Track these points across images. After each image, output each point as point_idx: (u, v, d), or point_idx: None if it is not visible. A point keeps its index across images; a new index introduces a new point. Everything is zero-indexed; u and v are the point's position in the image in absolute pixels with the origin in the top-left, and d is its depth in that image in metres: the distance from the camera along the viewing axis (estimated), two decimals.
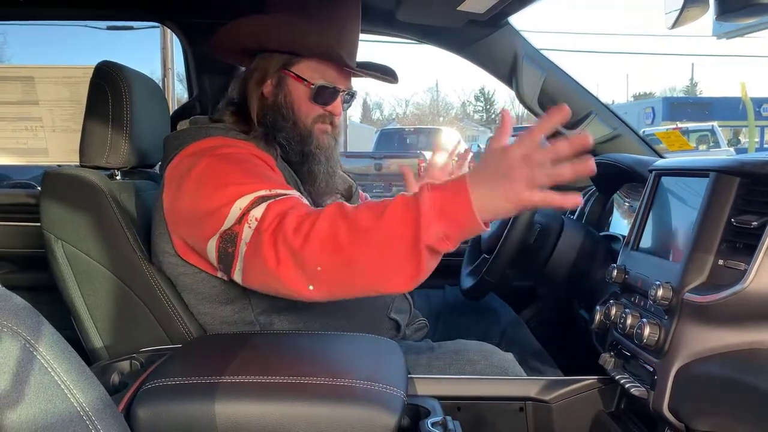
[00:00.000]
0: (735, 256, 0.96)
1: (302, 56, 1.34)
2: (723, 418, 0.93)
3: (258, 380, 0.98)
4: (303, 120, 1.37)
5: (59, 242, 1.34)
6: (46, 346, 0.73)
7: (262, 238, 1.08)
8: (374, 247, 1.01)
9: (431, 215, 0.97)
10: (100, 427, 0.75)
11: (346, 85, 1.40)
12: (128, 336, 1.35)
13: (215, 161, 1.22)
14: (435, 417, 1.08)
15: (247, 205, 1.12)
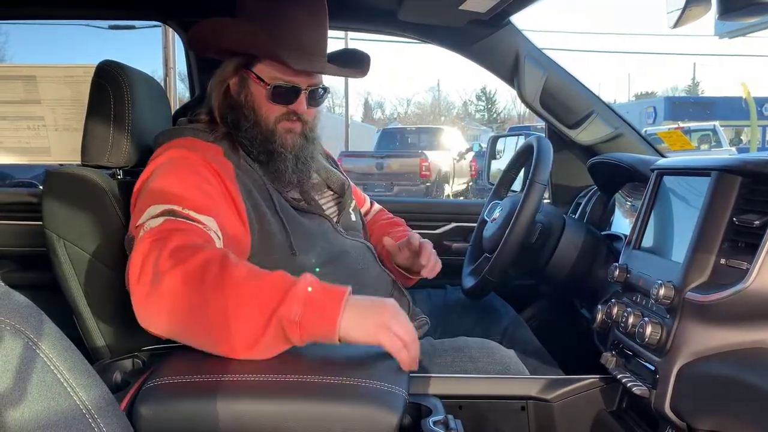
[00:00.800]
0: (737, 255, 0.96)
1: (260, 57, 1.36)
2: (725, 418, 0.93)
3: (260, 378, 0.98)
4: (264, 120, 1.38)
5: (61, 241, 1.34)
6: (49, 344, 0.73)
7: (138, 247, 1.08)
8: (233, 298, 1.00)
9: (299, 297, 0.99)
10: (102, 425, 0.75)
11: (310, 81, 1.39)
12: (130, 335, 1.35)
13: (167, 165, 1.26)
14: (436, 416, 1.08)
15: (155, 214, 1.14)
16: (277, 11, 1.36)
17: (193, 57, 1.97)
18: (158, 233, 1.09)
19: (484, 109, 45.30)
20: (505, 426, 1.29)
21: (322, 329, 0.99)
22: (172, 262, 1.03)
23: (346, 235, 1.47)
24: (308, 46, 1.37)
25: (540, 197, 1.46)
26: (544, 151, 1.51)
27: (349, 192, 1.60)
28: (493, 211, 1.70)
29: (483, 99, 45.01)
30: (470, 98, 48.32)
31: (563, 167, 2.01)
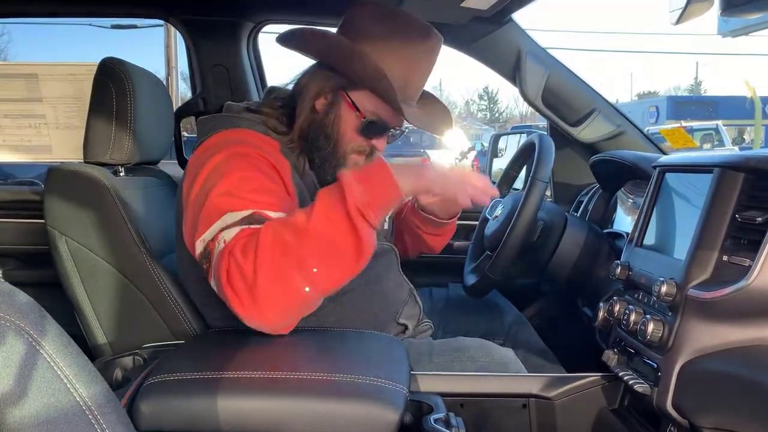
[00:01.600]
0: (739, 252, 0.96)
1: (364, 86, 1.30)
2: (727, 415, 0.93)
3: (261, 375, 0.98)
4: (343, 147, 1.33)
5: (63, 238, 1.34)
6: (50, 341, 0.73)
7: (219, 262, 1.06)
8: (317, 236, 1.03)
9: (352, 182, 1.05)
10: (102, 422, 0.75)
11: (399, 123, 1.37)
12: (132, 332, 1.35)
13: (228, 161, 1.21)
14: (438, 413, 1.08)
15: (231, 223, 1.10)
16: (403, 49, 1.30)
17: (195, 55, 1.97)
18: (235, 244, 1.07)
19: (486, 108, 45.24)
20: (507, 424, 1.29)
21: (389, 194, 1.08)
22: (251, 264, 1.02)
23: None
24: (414, 91, 1.34)
25: (542, 195, 1.45)
26: (546, 149, 1.51)
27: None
28: (495, 208, 1.69)
29: (485, 98, 44.96)
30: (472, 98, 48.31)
31: (565, 165, 2.01)
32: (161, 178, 1.67)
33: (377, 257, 1.44)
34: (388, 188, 1.08)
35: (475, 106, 46.00)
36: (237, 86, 1.97)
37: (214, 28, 1.93)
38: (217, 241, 1.09)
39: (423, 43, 1.33)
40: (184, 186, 1.29)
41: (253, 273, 1.01)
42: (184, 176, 1.30)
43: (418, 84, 1.35)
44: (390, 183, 1.08)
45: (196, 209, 1.20)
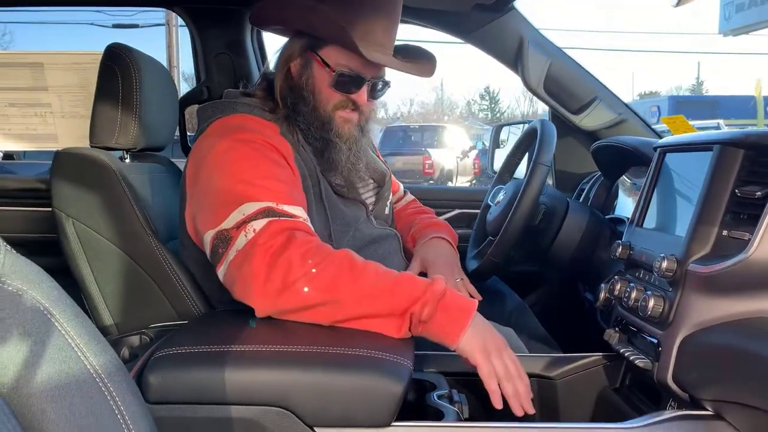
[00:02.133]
0: (739, 226, 0.97)
1: (328, 41, 1.32)
2: (727, 386, 0.94)
3: (267, 349, 0.99)
4: (323, 106, 1.34)
5: (70, 220, 1.36)
6: (61, 310, 0.75)
7: (256, 251, 1.09)
8: (367, 301, 1.09)
9: (433, 301, 1.09)
10: (112, 390, 0.77)
11: (375, 73, 1.36)
12: (138, 313, 1.37)
13: (233, 149, 1.23)
14: (441, 390, 1.10)
15: (252, 213, 1.13)
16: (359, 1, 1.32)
17: (199, 43, 1.99)
18: (270, 236, 1.10)
19: (487, 108, 45.19)
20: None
21: (446, 336, 1.10)
22: (304, 270, 1.07)
23: (376, 224, 1.47)
24: (379, 37, 1.33)
25: (544, 178, 1.47)
26: (548, 133, 1.52)
27: (389, 183, 1.59)
28: (497, 195, 1.70)
29: (486, 98, 44.93)
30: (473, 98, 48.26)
31: (567, 153, 2.02)
32: (166, 165, 1.68)
33: (380, 242, 1.46)
34: (449, 334, 1.10)
35: (477, 106, 45.95)
36: (241, 74, 1.98)
37: (218, 16, 1.95)
38: (245, 231, 1.11)
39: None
40: (187, 173, 1.30)
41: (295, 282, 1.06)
42: (186, 163, 1.32)
43: (384, 29, 1.34)
44: (454, 332, 1.10)
45: (204, 197, 1.21)
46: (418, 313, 1.08)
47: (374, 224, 1.47)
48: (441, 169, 12.70)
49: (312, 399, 0.94)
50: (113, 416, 0.76)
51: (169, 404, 0.95)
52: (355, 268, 1.10)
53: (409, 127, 16.28)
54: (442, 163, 12.80)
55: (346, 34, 1.25)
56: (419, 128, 15.29)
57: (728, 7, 14.74)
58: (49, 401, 0.70)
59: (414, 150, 13.04)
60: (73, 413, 0.72)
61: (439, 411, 1.06)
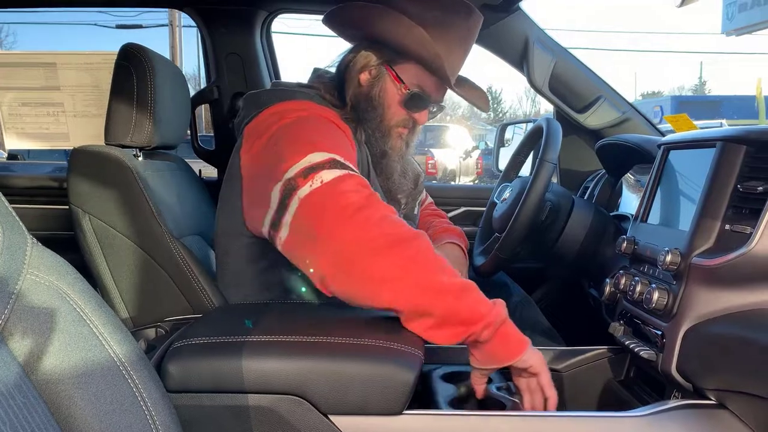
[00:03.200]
0: (741, 220, 1.00)
1: (408, 58, 1.34)
2: (729, 376, 0.97)
3: (282, 339, 1.02)
4: (388, 119, 1.38)
5: (87, 216, 1.39)
6: (85, 301, 0.78)
7: (335, 193, 1.06)
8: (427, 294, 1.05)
9: (494, 325, 1.06)
10: (135, 378, 0.80)
11: (440, 97, 1.42)
12: (153, 307, 1.40)
13: (296, 121, 1.24)
14: (497, 382, 1.16)
15: (319, 162, 1.10)
16: (447, 24, 1.34)
17: (210, 43, 2.02)
18: (349, 191, 1.07)
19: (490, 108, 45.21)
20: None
21: (495, 362, 1.10)
22: (386, 241, 1.03)
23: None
24: (456, 66, 1.37)
25: (549, 175, 1.49)
26: (554, 131, 1.55)
27: (422, 185, 1.63)
28: (503, 192, 1.73)
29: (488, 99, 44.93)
30: None
31: (571, 152, 2.05)
32: (179, 164, 1.72)
33: None
34: (499, 361, 1.10)
35: None
36: (250, 74, 2.01)
37: (228, 16, 1.98)
38: (312, 180, 1.07)
39: (465, 21, 1.37)
40: (243, 154, 1.28)
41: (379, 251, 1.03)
42: (240, 145, 1.31)
43: (459, 60, 1.38)
44: (505, 359, 1.10)
45: (267, 165, 1.18)
46: (478, 333, 1.05)
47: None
48: (444, 168, 12.72)
49: (326, 388, 0.97)
50: (136, 403, 0.79)
51: (188, 393, 0.98)
52: (430, 254, 1.07)
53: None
54: (445, 162, 12.82)
55: (440, 60, 1.28)
56: (422, 128, 15.27)
57: (731, 7, 14.74)
58: (77, 387, 0.73)
59: (417, 150, 13.04)
60: (99, 399, 0.75)
61: (500, 402, 1.11)
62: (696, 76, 51.00)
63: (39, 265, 0.75)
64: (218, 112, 2.07)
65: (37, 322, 0.72)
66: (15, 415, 0.65)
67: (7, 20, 23.63)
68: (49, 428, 0.68)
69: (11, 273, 0.70)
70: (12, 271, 0.70)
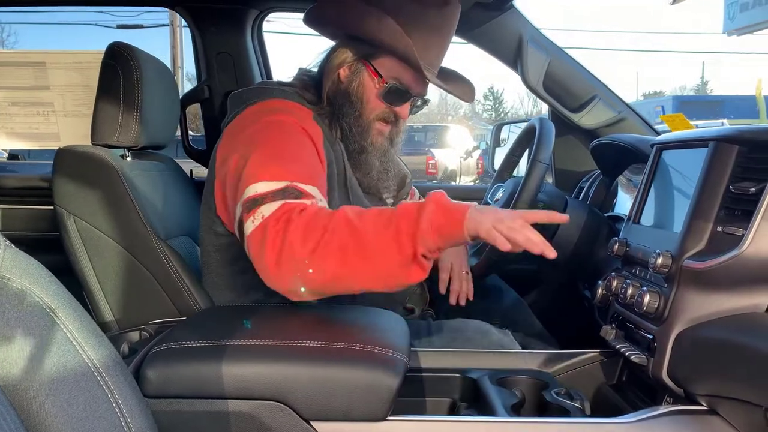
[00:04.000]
0: (733, 222, 0.98)
1: (384, 52, 1.34)
2: (722, 381, 0.95)
3: (264, 343, 1.00)
4: (367, 114, 1.37)
5: (71, 217, 1.37)
6: (60, 305, 0.76)
7: (267, 234, 1.08)
8: (376, 263, 1.05)
9: (429, 232, 1.04)
10: (110, 383, 0.78)
11: (421, 90, 1.40)
12: (138, 309, 1.38)
13: (263, 130, 1.25)
14: (555, 387, 1.15)
15: (264, 193, 1.12)
16: (421, 15, 1.33)
17: (201, 43, 2.00)
18: (277, 218, 1.09)
19: (491, 108, 45.17)
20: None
21: (453, 232, 1.06)
22: (309, 248, 1.04)
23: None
24: (432, 57, 1.36)
25: (542, 176, 1.47)
26: (546, 131, 1.53)
27: (409, 185, 1.62)
28: (496, 193, 1.71)
29: (490, 98, 44.89)
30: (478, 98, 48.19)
31: (566, 152, 2.03)
32: (167, 164, 1.70)
33: None
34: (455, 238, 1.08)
35: (480, 107, 45.95)
36: (242, 73, 1.99)
37: (219, 15, 1.96)
38: (253, 217, 1.10)
39: (439, 9, 1.35)
40: (218, 155, 1.32)
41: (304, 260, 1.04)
42: (218, 143, 1.34)
43: (437, 50, 1.37)
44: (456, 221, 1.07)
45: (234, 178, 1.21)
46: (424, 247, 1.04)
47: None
48: (444, 169, 12.70)
49: (308, 393, 0.95)
50: (111, 409, 0.77)
51: (166, 398, 0.96)
52: (355, 230, 1.06)
53: (412, 127, 16.22)
54: (446, 163, 12.80)
55: (412, 51, 1.28)
56: (422, 128, 15.27)
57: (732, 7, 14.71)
58: (48, 395, 0.71)
59: (417, 150, 13.04)
60: (71, 406, 0.73)
61: (562, 408, 1.09)
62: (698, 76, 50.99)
63: (11, 268, 0.74)
64: (209, 112, 2.04)
65: (8, 327, 0.70)
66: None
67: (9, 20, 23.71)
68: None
69: None
70: None
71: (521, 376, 1.24)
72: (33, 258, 0.79)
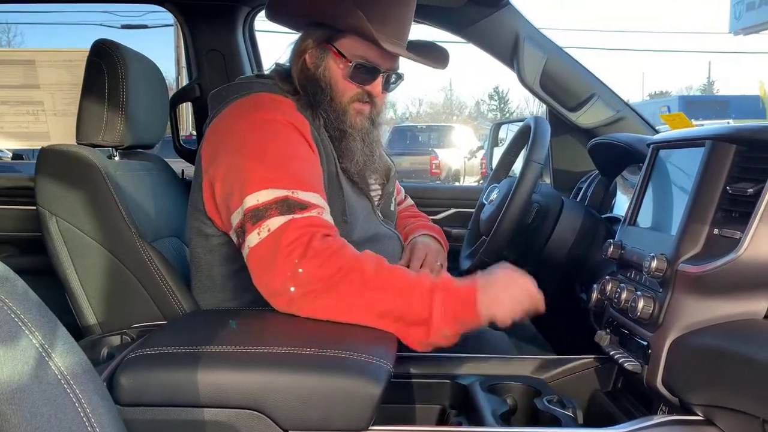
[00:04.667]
0: (730, 224, 0.94)
1: (344, 32, 1.32)
2: (717, 391, 0.91)
3: (241, 350, 0.97)
4: (339, 97, 1.35)
5: (54, 218, 1.34)
6: (24, 308, 0.72)
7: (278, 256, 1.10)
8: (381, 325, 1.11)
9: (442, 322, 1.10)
10: (78, 392, 0.74)
11: (390, 65, 1.37)
12: (121, 312, 1.35)
13: (253, 129, 1.25)
14: (548, 395, 1.13)
15: (268, 202, 1.14)
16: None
17: (191, 40, 1.97)
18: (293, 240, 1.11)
19: (496, 108, 45.07)
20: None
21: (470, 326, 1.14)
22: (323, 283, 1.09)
23: (381, 221, 1.48)
24: (395, 29, 1.34)
25: (536, 176, 1.43)
26: (541, 131, 1.49)
27: (393, 179, 1.60)
28: (491, 193, 1.67)
29: (495, 98, 44.80)
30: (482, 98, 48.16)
31: (564, 152, 1.99)
32: (157, 163, 1.67)
33: (383, 241, 1.44)
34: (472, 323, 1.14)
35: (486, 106, 45.92)
36: (233, 71, 1.96)
37: (210, 12, 1.94)
38: (259, 229, 1.13)
39: None
40: (203, 154, 1.31)
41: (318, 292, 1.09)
42: (201, 144, 1.33)
43: (398, 22, 1.34)
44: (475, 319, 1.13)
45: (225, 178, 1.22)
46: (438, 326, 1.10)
47: (380, 219, 1.48)
48: (448, 169, 12.67)
49: (287, 402, 0.91)
50: (78, 419, 0.74)
51: (141, 406, 0.93)
52: (370, 280, 1.11)
53: (416, 127, 16.21)
54: (450, 163, 12.78)
55: (364, 23, 1.26)
56: (426, 128, 15.25)
57: (738, 6, 14.64)
58: (8, 403, 0.68)
59: (421, 150, 13.02)
60: (35, 416, 0.70)
61: (553, 417, 1.07)
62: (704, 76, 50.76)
63: None
64: (200, 111, 2.02)
65: None
66: None
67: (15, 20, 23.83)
68: None
69: None
70: None
71: (513, 383, 1.20)
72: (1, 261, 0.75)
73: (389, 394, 1.04)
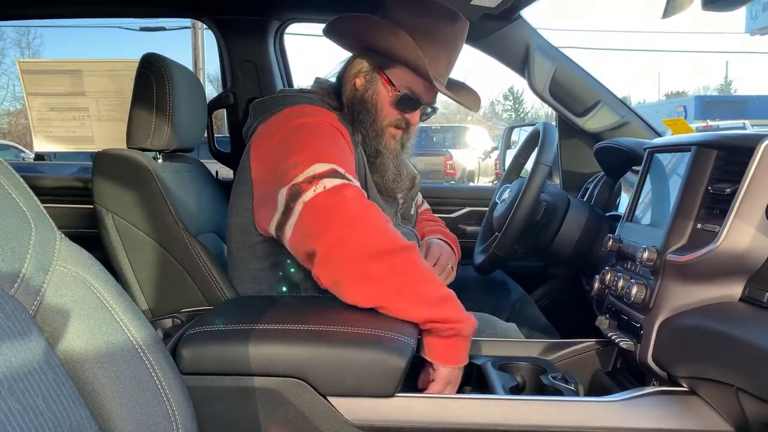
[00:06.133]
0: (711, 220, 1.07)
1: (397, 63, 1.45)
2: (700, 364, 1.04)
3: (285, 327, 1.11)
4: (381, 120, 1.49)
5: (110, 215, 1.50)
6: (106, 289, 0.87)
7: (329, 209, 1.17)
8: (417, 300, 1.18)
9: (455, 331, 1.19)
10: (152, 360, 0.89)
11: (430, 99, 1.52)
12: (170, 299, 1.50)
13: (301, 127, 1.36)
14: (553, 372, 1.25)
15: (323, 171, 1.22)
16: (433, 30, 1.45)
17: (226, 52, 2.12)
18: (346, 200, 1.19)
19: (511, 108, 44.97)
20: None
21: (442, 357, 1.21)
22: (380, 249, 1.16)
23: (401, 223, 1.61)
24: (442, 69, 1.48)
25: (544, 177, 1.57)
26: (549, 135, 1.62)
27: (418, 186, 1.73)
28: (503, 193, 1.81)
29: (510, 99, 44.72)
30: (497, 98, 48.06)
31: (573, 154, 2.12)
32: (195, 165, 1.82)
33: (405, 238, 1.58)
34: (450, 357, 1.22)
35: (500, 107, 45.78)
36: (264, 81, 2.11)
37: (243, 26, 2.08)
38: (315, 186, 1.20)
39: (450, 25, 1.47)
40: (252, 162, 1.39)
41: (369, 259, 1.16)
42: (248, 150, 1.43)
43: (446, 63, 1.49)
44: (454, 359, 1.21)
45: (276, 169, 1.30)
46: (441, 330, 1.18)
47: (400, 222, 1.61)
48: (463, 169, 12.73)
49: (325, 371, 1.06)
50: (153, 382, 0.88)
51: (199, 375, 1.08)
52: (417, 265, 1.19)
53: (431, 127, 16.26)
54: (464, 163, 12.84)
55: (421, 62, 1.39)
56: (441, 129, 15.29)
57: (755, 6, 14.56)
58: (99, 367, 0.83)
59: (436, 150, 13.07)
60: (119, 378, 0.84)
61: (558, 391, 1.19)
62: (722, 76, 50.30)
63: (67, 258, 0.85)
64: (234, 117, 2.16)
65: (66, 308, 0.81)
66: (46, 388, 0.74)
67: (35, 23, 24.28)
68: (75, 401, 0.77)
69: (43, 264, 0.79)
70: (43, 263, 0.79)
71: (522, 363, 1.34)
72: (84, 249, 0.90)
73: (413, 371, 1.19)
